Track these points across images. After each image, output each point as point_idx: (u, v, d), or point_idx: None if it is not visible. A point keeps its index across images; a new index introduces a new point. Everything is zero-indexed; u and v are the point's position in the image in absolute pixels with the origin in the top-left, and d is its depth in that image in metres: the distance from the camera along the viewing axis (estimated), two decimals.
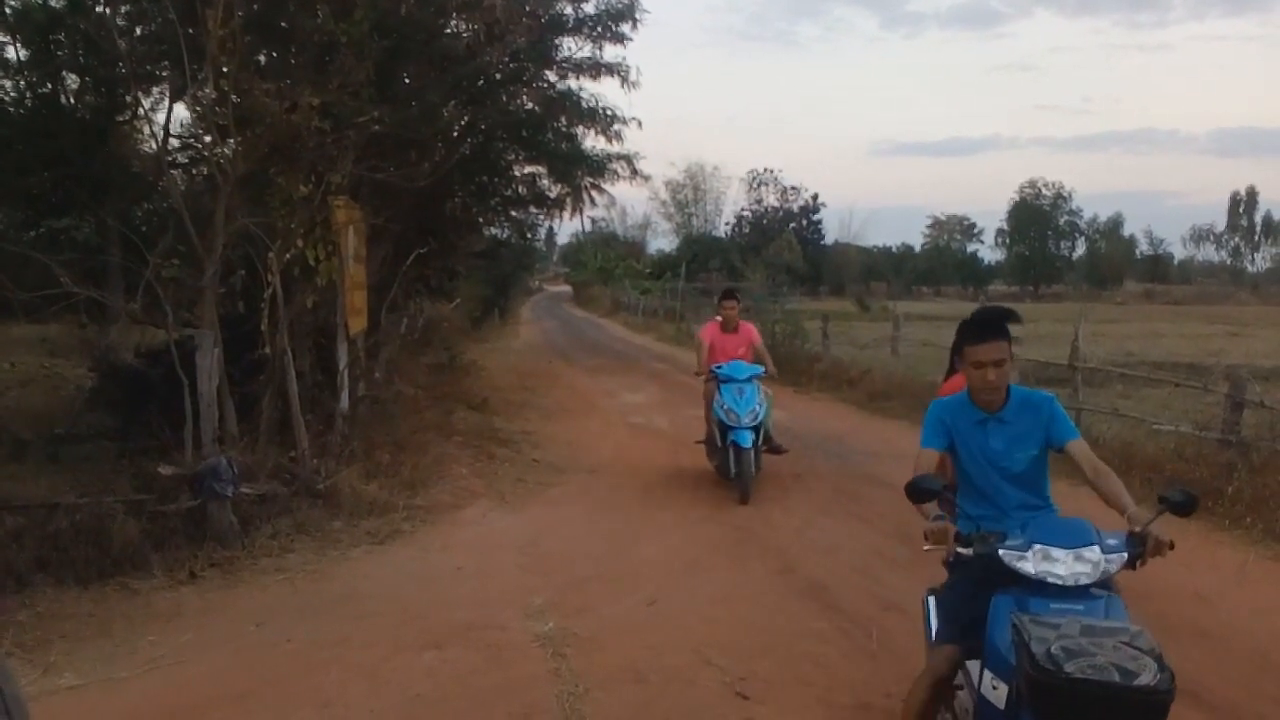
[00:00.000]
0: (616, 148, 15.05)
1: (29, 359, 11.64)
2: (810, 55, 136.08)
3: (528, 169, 15.08)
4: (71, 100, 12.16)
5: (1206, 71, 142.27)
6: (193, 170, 10.53)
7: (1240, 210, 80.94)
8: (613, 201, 27.05)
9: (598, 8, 13.50)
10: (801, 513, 7.55)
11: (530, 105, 13.14)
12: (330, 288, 8.14)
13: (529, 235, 21.89)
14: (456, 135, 11.83)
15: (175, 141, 9.78)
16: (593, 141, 14.85)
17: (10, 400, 10.75)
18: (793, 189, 66.19)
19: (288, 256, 7.44)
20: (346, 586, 5.89)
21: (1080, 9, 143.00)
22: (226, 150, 7.45)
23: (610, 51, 13.87)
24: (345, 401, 8.65)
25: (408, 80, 10.09)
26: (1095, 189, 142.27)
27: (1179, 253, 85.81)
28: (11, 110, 12.16)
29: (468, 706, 4.21)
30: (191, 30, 6.90)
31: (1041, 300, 60.19)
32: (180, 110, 9.37)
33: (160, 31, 8.56)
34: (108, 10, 9.13)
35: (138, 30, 9.44)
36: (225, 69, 6.93)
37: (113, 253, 10.01)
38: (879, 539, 6.77)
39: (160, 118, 9.87)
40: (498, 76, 11.79)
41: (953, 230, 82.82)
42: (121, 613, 5.38)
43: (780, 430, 8.74)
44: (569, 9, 13.32)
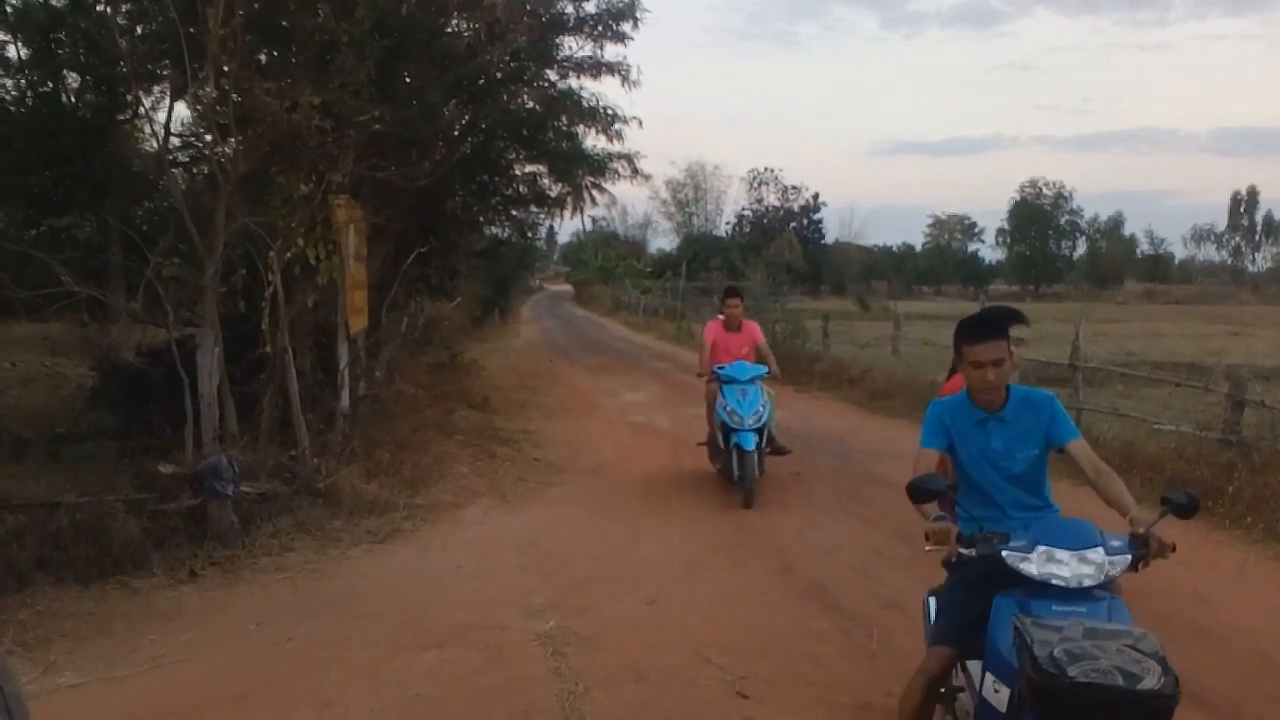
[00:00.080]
0: (617, 147, 15.05)
1: (30, 358, 11.65)
2: (811, 55, 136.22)
3: (528, 168, 15.09)
4: (72, 99, 12.16)
5: (1207, 71, 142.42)
6: (193, 169, 10.53)
7: (1241, 210, 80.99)
8: (613, 201, 27.16)
9: (598, 7, 13.49)
10: (802, 512, 7.55)
11: (531, 104, 13.14)
12: (331, 287, 8.15)
13: (529, 234, 21.89)
14: (457, 134, 11.83)
15: (176, 140, 9.77)
16: (593, 141, 14.86)
17: (11, 399, 10.76)
18: (793, 188, 66.31)
19: (288, 255, 7.45)
20: (347, 586, 5.89)
21: (1080, 8, 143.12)
22: (227, 149, 7.45)
23: (611, 51, 13.86)
24: (346, 400, 8.66)
25: (408, 79, 10.09)
26: (1096, 188, 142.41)
27: (1180, 252, 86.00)
28: (12, 109, 12.15)
29: (468, 706, 4.22)
30: (192, 29, 6.90)
31: (1042, 300, 60.15)
32: (181, 109, 9.37)
33: (161, 30, 8.56)
34: (108, 9, 9.12)
35: (139, 29, 9.44)
36: (226, 68, 6.93)
37: (114, 252, 10.02)
38: (879, 538, 6.77)
39: (161, 117, 9.84)
40: (498, 75, 11.79)
41: (953, 230, 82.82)
42: (122, 611, 5.39)
43: (781, 429, 8.64)
44: (570, 8, 13.31)
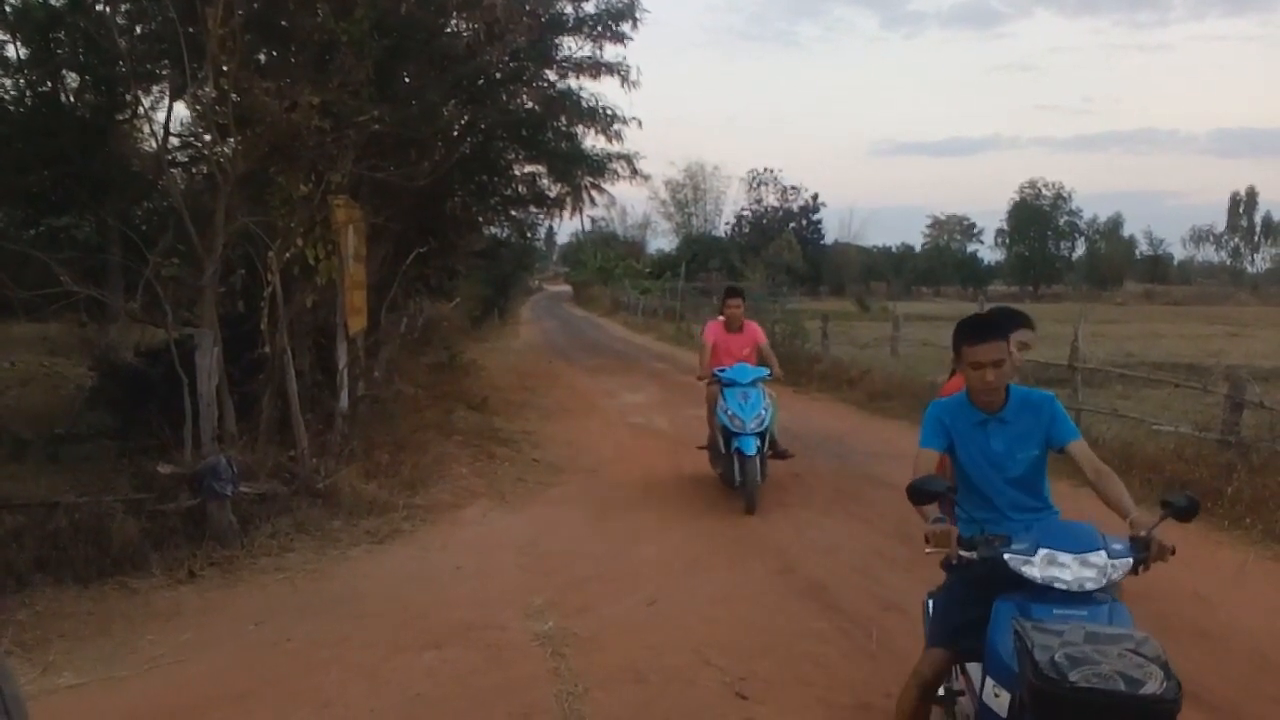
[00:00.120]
0: (616, 147, 15.05)
1: (29, 358, 11.66)
2: (810, 55, 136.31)
3: (528, 168, 15.09)
4: (71, 99, 12.15)
5: (1207, 71, 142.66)
6: (193, 169, 10.52)
7: (1240, 211, 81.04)
8: (612, 201, 27.10)
9: (598, 7, 13.49)
10: (801, 513, 7.55)
11: (530, 104, 13.14)
12: (330, 287, 8.14)
13: (529, 235, 21.88)
14: (456, 134, 11.83)
15: (175, 140, 9.78)
16: (593, 141, 14.86)
17: (10, 399, 10.77)
18: (793, 189, 66.35)
19: (287, 256, 7.44)
20: (346, 586, 5.89)
21: (1080, 9, 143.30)
22: (226, 149, 7.45)
23: (610, 51, 13.86)
24: (345, 401, 8.65)
25: (408, 79, 10.09)
26: (1095, 189, 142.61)
27: (1179, 253, 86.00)
28: (11, 109, 12.15)
29: (467, 706, 4.21)
30: (191, 29, 6.90)
31: (1041, 300, 60.15)
32: (180, 109, 9.39)
33: (160, 30, 8.55)
34: (108, 9, 9.12)
35: (138, 29, 9.43)
36: (225, 68, 6.93)
37: (113, 251, 10.01)
38: (879, 539, 6.76)
39: (160, 116, 9.88)
40: (498, 76, 11.79)
41: (952, 230, 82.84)
42: (121, 612, 5.38)
43: (780, 430, 8.49)
44: (569, 8, 13.30)
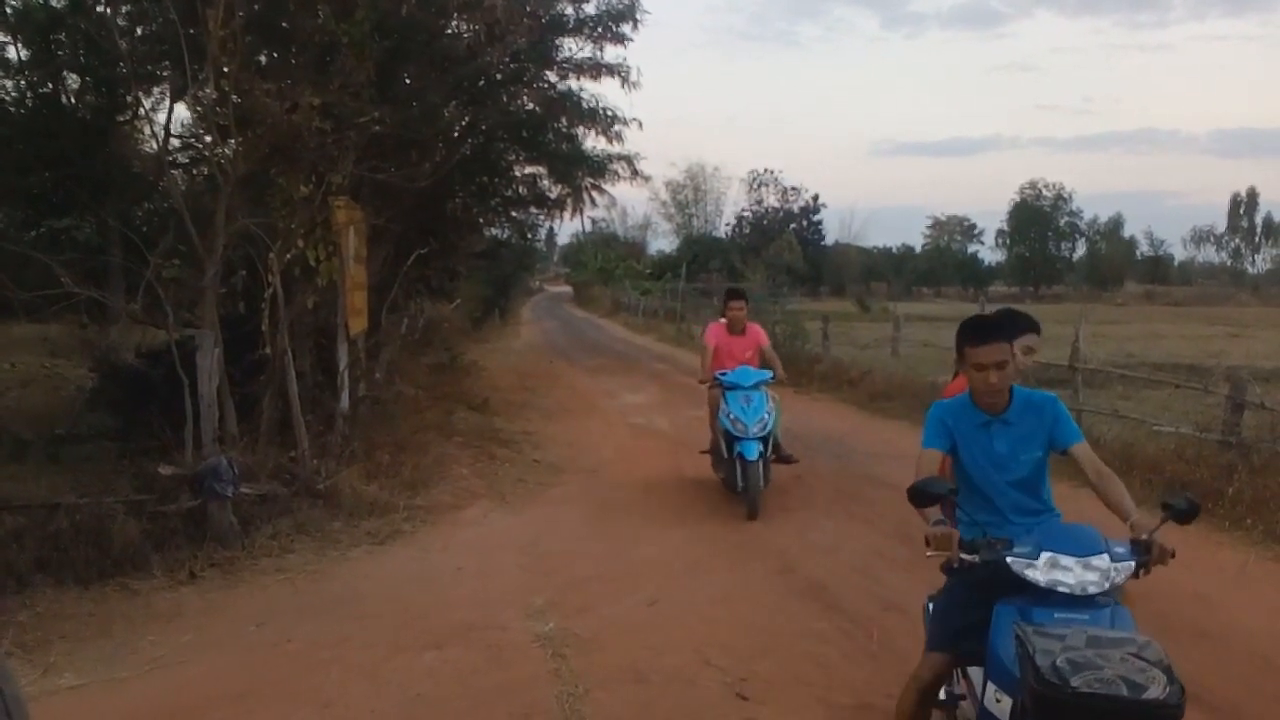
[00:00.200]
0: (617, 148, 15.11)
1: (30, 359, 11.65)
2: (811, 55, 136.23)
3: (528, 169, 15.13)
4: (72, 100, 12.18)
5: (1207, 72, 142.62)
6: (193, 170, 10.54)
7: (1240, 211, 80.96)
8: (613, 202, 27.08)
9: (598, 8, 13.54)
10: (802, 513, 7.54)
11: (531, 106, 13.17)
12: (331, 288, 8.15)
13: (529, 236, 21.94)
14: (457, 135, 11.85)
15: (176, 141, 9.78)
16: (593, 142, 14.91)
17: (11, 400, 10.77)
18: (793, 189, 66.30)
19: (288, 257, 7.45)
20: (347, 587, 5.89)
21: (1081, 9, 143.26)
22: (227, 150, 7.46)
23: (611, 52, 13.92)
24: (345, 402, 8.66)
25: (408, 81, 10.11)
26: (1096, 189, 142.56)
27: (1179, 254, 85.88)
28: (12, 110, 12.18)
29: (468, 706, 4.21)
30: (192, 30, 6.91)
31: (1042, 301, 60.08)
32: (181, 110, 9.38)
33: (161, 31, 8.57)
34: (109, 10, 9.14)
35: (138, 30, 9.46)
36: (226, 69, 6.94)
37: (113, 253, 10.02)
38: (879, 539, 6.76)
39: (161, 118, 9.87)
40: (498, 77, 11.82)
41: (953, 231, 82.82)
42: (122, 613, 5.38)
43: (782, 432, 8.29)
44: (569, 9, 13.36)
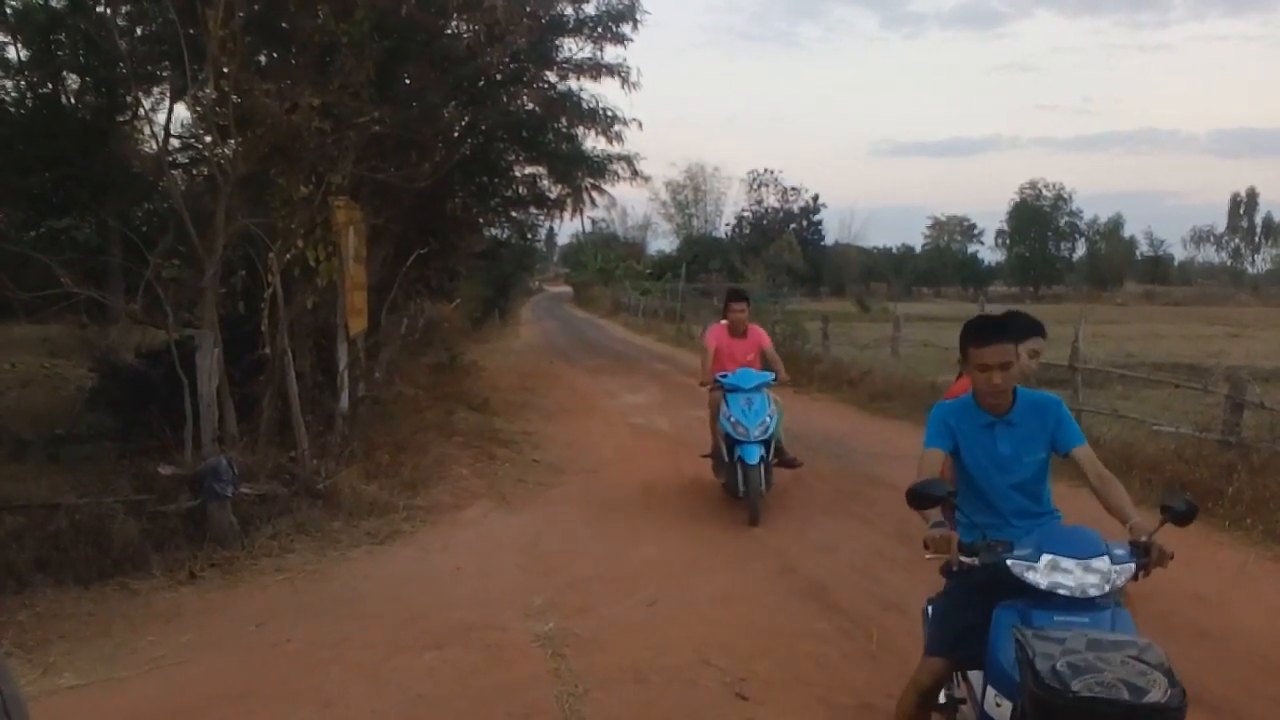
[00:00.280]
0: (617, 148, 15.12)
1: (30, 359, 11.65)
2: (811, 55, 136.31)
3: (528, 169, 15.13)
4: (72, 100, 12.19)
5: (1207, 72, 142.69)
6: (193, 170, 10.53)
7: (1240, 211, 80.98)
8: (613, 202, 27.10)
9: (598, 8, 13.55)
10: (802, 513, 7.54)
11: (531, 106, 13.17)
12: (330, 288, 8.15)
13: (529, 236, 21.95)
14: (457, 136, 11.85)
15: (176, 142, 9.77)
16: (593, 142, 14.92)
17: (11, 400, 10.76)
18: (793, 189, 66.40)
19: (288, 257, 7.45)
20: (347, 587, 5.89)
21: (1081, 9, 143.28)
22: (227, 150, 7.46)
23: (611, 52, 13.92)
24: (345, 402, 8.66)
25: (408, 81, 10.10)
26: (1096, 189, 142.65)
27: (1179, 254, 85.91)
28: (12, 110, 12.19)
29: (468, 706, 4.22)
30: (192, 30, 6.90)
31: (1042, 301, 60.11)
32: (181, 110, 9.37)
33: (161, 32, 8.57)
34: (108, 10, 9.13)
35: (138, 30, 9.45)
36: (226, 69, 6.94)
37: (113, 253, 10.02)
38: (879, 539, 6.76)
39: (161, 118, 9.87)
40: (498, 77, 11.81)
41: (953, 231, 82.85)
42: (121, 613, 5.38)
43: (783, 432, 8.06)
44: (569, 10, 13.35)
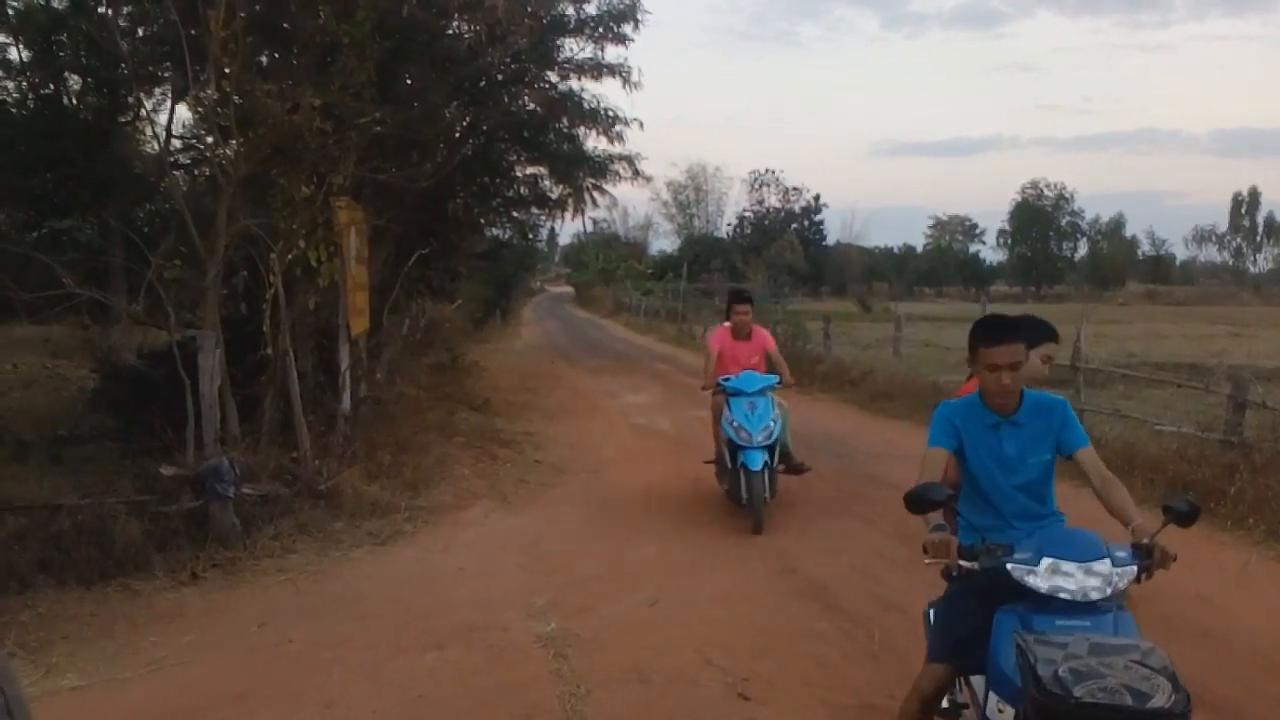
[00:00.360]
0: (618, 148, 15.11)
1: (31, 360, 11.69)
2: (811, 55, 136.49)
3: (529, 170, 15.12)
4: (74, 101, 12.21)
5: (1207, 71, 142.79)
6: (195, 171, 10.55)
7: (1242, 211, 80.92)
8: (614, 202, 27.22)
9: (599, 8, 13.53)
10: (803, 513, 7.53)
11: (532, 106, 13.17)
12: (332, 289, 8.15)
13: (531, 236, 21.95)
14: (458, 136, 11.86)
15: (177, 142, 9.78)
16: (594, 142, 14.91)
17: (13, 401, 10.78)
18: (794, 189, 66.51)
19: (290, 257, 7.45)
20: (348, 587, 5.89)
21: (1081, 9, 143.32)
22: (228, 151, 7.46)
23: (612, 52, 13.91)
24: (347, 402, 8.67)
25: (409, 81, 10.11)
26: (1097, 189, 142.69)
27: (1181, 253, 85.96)
28: (14, 111, 12.20)
29: (470, 707, 4.22)
30: (194, 31, 6.91)
31: (1043, 301, 60.09)
32: (182, 111, 9.39)
33: (162, 32, 8.58)
34: (110, 11, 9.15)
35: (140, 31, 9.45)
36: (227, 70, 6.94)
37: (115, 254, 10.04)
38: (881, 539, 6.75)
39: (162, 119, 9.87)
40: (499, 77, 11.81)
41: (954, 231, 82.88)
42: (124, 613, 5.39)
43: (791, 436, 7.76)
44: (571, 10, 13.35)
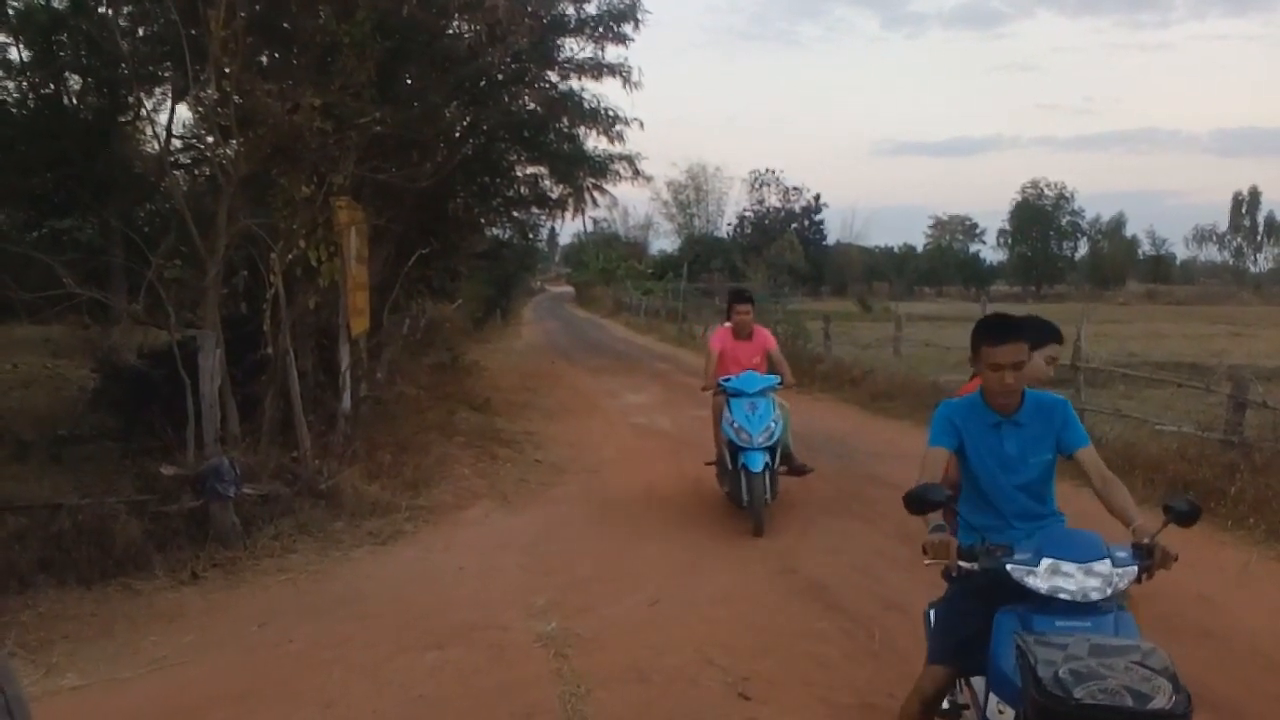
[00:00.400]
0: (618, 148, 15.12)
1: (32, 360, 11.69)
2: (812, 55, 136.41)
3: (529, 169, 15.13)
4: (74, 101, 12.22)
5: (1208, 71, 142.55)
6: (195, 171, 10.56)
7: (1243, 210, 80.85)
8: (614, 202, 27.23)
9: (599, 8, 13.54)
10: (804, 513, 7.53)
11: (532, 106, 13.17)
12: (332, 288, 8.15)
13: (531, 236, 21.95)
14: (458, 136, 11.86)
15: (177, 142, 9.79)
16: (594, 142, 14.92)
17: (13, 401, 10.79)
18: (794, 189, 66.49)
19: (290, 257, 7.46)
20: (349, 587, 5.89)
21: (1082, 9, 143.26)
22: (229, 151, 7.47)
23: (612, 52, 13.92)
24: (347, 402, 8.67)
25: (410, 81, 10.11)
26: (1097, 189, 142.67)
27: (1181, 253, 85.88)
28: (14, 111, 12.21)
29: (470, 707, 4.22)
30: (194, 31, 6.91)
31: (1044, 301, 60.07)
32: (183, 111, 9.41)
33: (162, 32, 8.58)
34: (110, 11, 9.15)
35: (140, 31, 9.45)
36: (227, 70, 6.94)
37: (115, 253, 10.05)
38: (881, 539, 6.74)
39: (163, 118, 9.87)
40: (499, 77, 11.82)
41: (955, 230, 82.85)
42: (124, 613, 5.39)
43: (792, 438, 7.69)
44: (571, 9, 13.35)
